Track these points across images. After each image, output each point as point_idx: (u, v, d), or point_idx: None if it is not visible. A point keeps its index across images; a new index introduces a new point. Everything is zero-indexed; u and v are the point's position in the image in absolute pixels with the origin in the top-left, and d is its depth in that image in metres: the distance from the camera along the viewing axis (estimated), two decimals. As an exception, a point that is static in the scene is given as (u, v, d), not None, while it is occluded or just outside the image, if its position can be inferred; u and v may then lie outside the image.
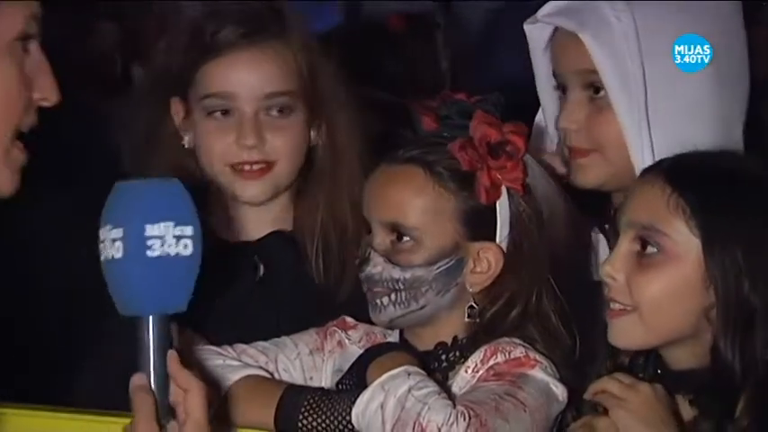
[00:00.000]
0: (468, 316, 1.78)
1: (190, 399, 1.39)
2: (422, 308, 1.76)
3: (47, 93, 1.43)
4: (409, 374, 1.65)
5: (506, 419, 1.63)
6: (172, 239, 1.37)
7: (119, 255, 1.37)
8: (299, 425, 1.70)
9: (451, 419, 1.58)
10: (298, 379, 1.87)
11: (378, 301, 1.77)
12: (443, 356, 1.78)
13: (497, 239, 1.76)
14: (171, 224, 1.37)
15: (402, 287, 1.75)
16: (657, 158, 1.81)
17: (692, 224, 1.61)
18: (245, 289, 2.03)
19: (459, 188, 1.75)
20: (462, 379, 1.75)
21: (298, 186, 2.07)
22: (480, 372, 1.73)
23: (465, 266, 1.76)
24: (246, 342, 1.88)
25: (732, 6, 2.02)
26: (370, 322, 1.87)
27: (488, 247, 1.76)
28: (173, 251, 1.37)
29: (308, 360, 1.90)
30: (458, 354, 1.77)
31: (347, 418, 1.67)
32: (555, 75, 2.02)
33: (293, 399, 1.73)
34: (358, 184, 1.94)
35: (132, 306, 1.41)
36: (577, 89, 1.96)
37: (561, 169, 2.02)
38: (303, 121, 2.02)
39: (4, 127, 1.39)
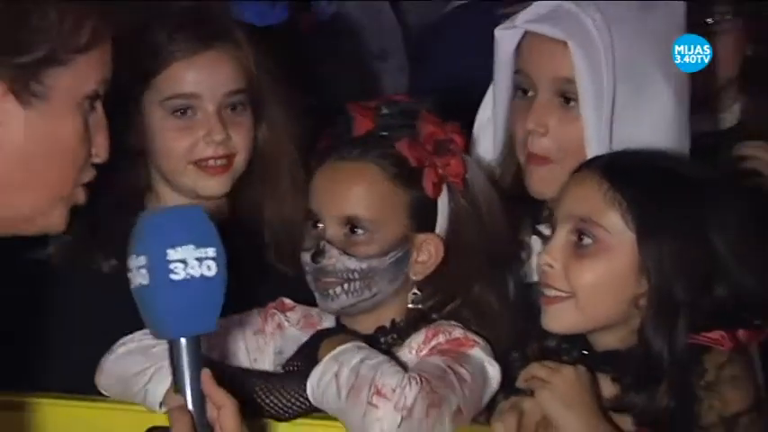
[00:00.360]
0: (412, 302, 1.92)
1: (224, 415, 1.47)
2: (374, 296, 1.90)
3: (101, 150, 1.50)
4: (359, 348, 1.79)
5: (452, 390, 1.75)
6: (194, 262, 1.43)
7: (145, 281, 1.44)
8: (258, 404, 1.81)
9: (404, 382, 1.70)
10: (243, 361, 1.99)
11: (330, 290, 1.88)
12: (382, 339, 1.90)
13: (437, 230, 1.91)
14: (191, 247, 1.43)
15: (357, 277, 1.87)
16: None
17: (627, 218, 1.71)
18: None
19: (407, 183, 1.89)
20: (406, 358, 1.87)
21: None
22: (423, 351, 1.86)
23: (411, 256, 1.90)
24: None
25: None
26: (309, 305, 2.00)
27: (431, 238, 1.90)
28: (196, 273, 1.43)
29: (252, 341, 2.01)
30: (395, 336, 1.90)
31: (303, 395, 1.80)
32: (520, 75, 2.02)
33: (248, 381, 1.84)
34: (298, 176, 2.11)
35: (164, 330, 1.48)
36: (549, 94, 1.98)
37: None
38: (252, 118, 2.15)
39: (71, 173, 1.46)
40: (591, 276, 1.73)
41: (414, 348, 1.88)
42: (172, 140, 2.12)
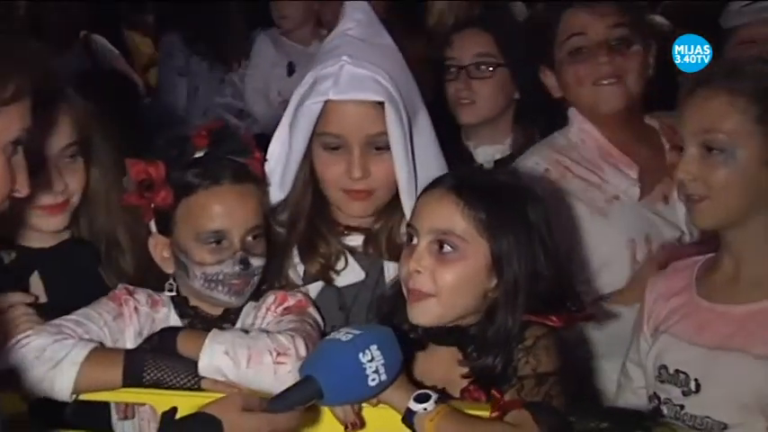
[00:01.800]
0: None
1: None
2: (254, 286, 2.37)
3: (23, 187, 1.86)
4: (222, 331, 2.22)
5: (312, 334, 2.26)
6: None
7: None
8: (144, 379, 2.14)
9: (291, 339, 2.17)
10: (108, 344, 2.29)
11: (245, 289, 2.32)
12: (231, 316, 2.36)
13: None
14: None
15: (258, 273, 2.33)
16: (419, 189, 2.26)
17: (480, 229, 2.03)
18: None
19: (263, 192, 2.39)
20: (261, 317, 2.36)
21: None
22: (278, 310, 2.36)
23: None
24: None
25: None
26: None
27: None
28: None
29: (113, 326, 2.31)
30: (236, 312, 2.36)
31: (188, 371, 2.15)
32: (327, 137, 2.38)
33: (135, 359, 2.17)
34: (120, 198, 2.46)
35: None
36: (363, 147, 2.35)
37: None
38: (84, 164, 2.51)
39: None
40: (452, 278, 2.04)
41: (269, 309, 2.36)
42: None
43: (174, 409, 2.03)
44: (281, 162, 2.46)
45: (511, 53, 3.22)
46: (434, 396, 1.97)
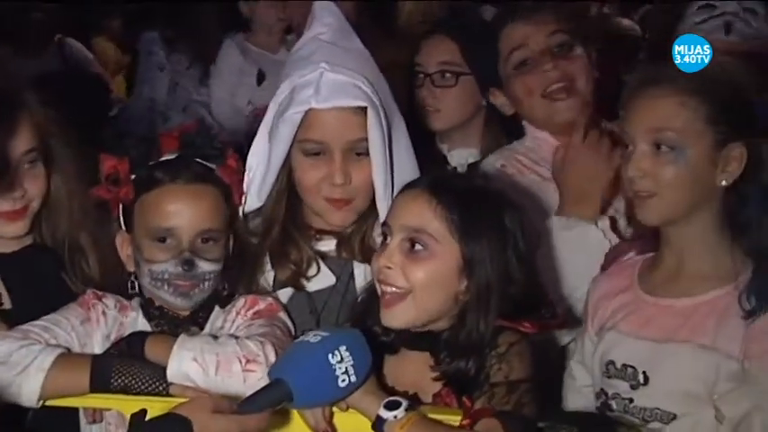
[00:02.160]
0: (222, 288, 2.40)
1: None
2: (213, 292, 2.36)
3: None
4: (191, 337, 2.21)
5: (282, 339, 2.26)
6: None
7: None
8: (112, 385, 2.13)
9: (260, 345, 2.17)
10: (76, 348, 2.28)
11: (191, 292, 2.31)
12: (200, 320, 2.36)
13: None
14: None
15: (211, 278, 2.32)
16: (394, 194, 2.28)
17: (452, 229, 2.05)
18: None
19: (228, 199, 2.39)
20: (231, 320, 2.36)
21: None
22: (248, 314, 2.36)
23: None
24: None
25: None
26: None
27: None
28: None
29: (80, 330, 2.30)
30: (204, 315, 2.37)
31: (156, 377, 2.14)
32: (308, 143, 2.39)
33: (103, 364, 2.16)
34: (88, 208, 2.50)
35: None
36: (344, 153, 2.37)
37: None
38: (44, 169, 2.50)
39: None
40: (423, 274, 2.06)
41: (239, 312, 2.36)
42: None
43: (144, 411, 2.02)
44: (259, 172, 2.47)
45: (476, 61, 3.21)
46: (404, 403, 1.97)
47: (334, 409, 2.07)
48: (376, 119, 2.34)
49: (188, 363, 2.13)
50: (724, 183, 2.15)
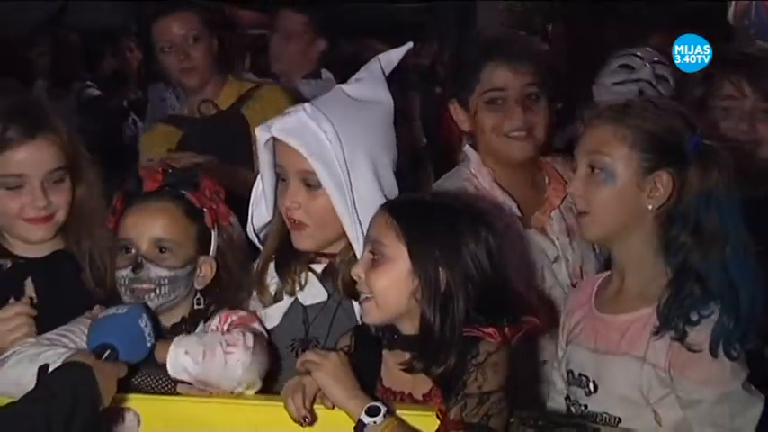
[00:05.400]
0: (198, 303, 2.60)
1: None
2: (175, 298, 2.55)
3: None
4: (187, 336, 2.45)
5: (258, 338, 2.44)
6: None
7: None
8: (132, 384, 2.36)
9: (240, 333, 2.40)
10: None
11: (146, 296, 2.50)
12: (182, 331, 2.51)
13: (210, 253, 2.61)
14: None
15: (166, 283, 2.50)
16: (363, 225, 2.44)
17: (401, 237, 2.26)
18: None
19: (194, 218, 2.59)
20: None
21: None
22: (224, 326, 2.51)
23: (195, 271, 2.58)
24: None
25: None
26: None
27: (208, 260, 2.61)
28: None
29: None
30: (185, 328, 2.54)
31: (165, 376, 2.37)
32: (279, 168, 2.60)
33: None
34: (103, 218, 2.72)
35: None
36: (298, 180, 2.56)
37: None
38: (71, 184, 2.75)
39: None
40: (381, 281, 2.27)
41: (215, 326, 2.53)
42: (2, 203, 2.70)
43: (47, 365, 2.24)
44: (265, 190, 2.69)
45: None
46: (384, 409, 2.15)
47: (321, 406, 2.25)
48: (319, 160, 2.50)
49: (182, 356, 2.36)
50: (650, 207, 2.35)
